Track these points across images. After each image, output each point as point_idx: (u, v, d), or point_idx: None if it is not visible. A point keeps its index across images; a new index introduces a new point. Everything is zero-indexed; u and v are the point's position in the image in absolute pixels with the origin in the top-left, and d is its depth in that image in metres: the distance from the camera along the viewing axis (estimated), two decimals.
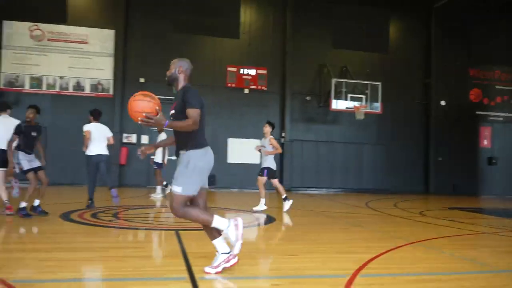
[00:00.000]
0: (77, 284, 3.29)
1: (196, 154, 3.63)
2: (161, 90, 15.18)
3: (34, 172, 6.95)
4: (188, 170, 3.60)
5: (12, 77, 14.00)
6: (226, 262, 3.72)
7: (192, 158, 3.62)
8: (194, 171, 3.61)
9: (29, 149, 6.99)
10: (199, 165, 3.62)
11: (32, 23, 14.14)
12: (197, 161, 3.62)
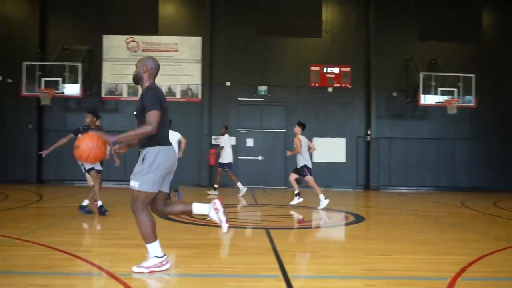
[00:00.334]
0: (176, 279, 3.53)
1: (154, 151, 3.61)
2: (246, 93, 15.67)
3: (96, 171, 7.27)
4: (144, 167, 3.58)
5: (112, 86, 15.21)
6: (159, 266, 3.65)
7: (150, 155, 3.60)
8: (151, 167, 3.57)
9: None
10: (156, 162, 3.58)
11: (128, 35, 15.24)
12: (155, 158, 3.59)
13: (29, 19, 14.98)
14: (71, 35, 15.16)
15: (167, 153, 3.67)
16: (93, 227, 6.14)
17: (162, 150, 3.64)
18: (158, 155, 3.60)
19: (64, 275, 3.54)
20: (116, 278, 3.39)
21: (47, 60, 14.51)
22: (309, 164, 9.01)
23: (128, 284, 3.23)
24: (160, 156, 3.61)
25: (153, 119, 3.52)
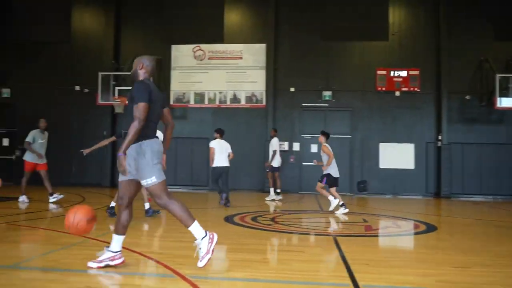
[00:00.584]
0: (246, 283, 3.55)
1: (144, 145, 3.71)
2: (310, 98, 15.58)
3: None
4: (145, 161, 3.70)
5: (180, 94, 15.75)
6: (111, 260, 3.74)
7: (145, 147, 3.71)
8: (153, 158, 3.71)
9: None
10: (153, 151, 3.72)
11: (194, 45, 15.74)
12: (150, 148, 3.71)
13: (105, 32, 15.91)
14: (142, 46, 15.89)
15: (156, 142, 3.80)
16: (164, 230, 6.35)
17: (151, 141, 3.77)
18: (153, 145, 3.76)
19: (139, 275, 3.70)
20: (188, 280, 3.47)
21: (120, 70, 15.32)
22: (334, 174, 9.00)
23: (199, 286, 3.30)
24: (155, 145, 3.78)
25: (141, 112, 3.63)
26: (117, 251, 3.82)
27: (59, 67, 15.99)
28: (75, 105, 15.91)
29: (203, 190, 15.04)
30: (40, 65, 16.13)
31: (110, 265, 3.78)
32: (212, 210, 9.06)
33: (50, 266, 3.83)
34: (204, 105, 15.63)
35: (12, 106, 16.18)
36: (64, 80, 15.94)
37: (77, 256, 4.28)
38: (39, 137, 9.53)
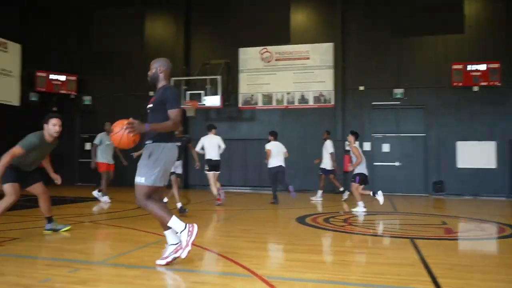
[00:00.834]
0: (323, 285, 3.50)
1: (159, 147, 3.81)
2: (380, 97, 15.11)
3: (176, 176, 8.24)
4: (150, 162, 3.79)
5: (248, 96, 15.97)
6: (175, 252, 3.85)
7: (155, 151, 3.81)
8: (156, 162, 3.78)
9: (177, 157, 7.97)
10: (161, 157, 3.79)
11: (261, 47, 15.89)
12: (160, 154, 3.79)
13: (175, 39, 16.51)
14: (210, 51, 16.32)
15: (171, 150, 3.91)
16: (238, 230, 6.45)
17: (167, 147, 3.88)
18: (162, 152, 3.85)
19: (216, 274, 3.78)
20: (265, 280, 3.50)
21: (191, 75, 15.82)
22: (366, 172, 9.17)
23: (276, 286, 3.31)
24: (164, 153, 3.86)
25: (176, 117, 3.80)
26: (176, 243, 3.95)
27: (134, 74, 16.81)
28: None
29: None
30: (117, 73, 17.08)
31: (176, 257, 3.91)
32: (283, 211, 9.08)
33: (134, 263, 4.03)
34: (272, 106, 15.72)
35: (93, 112, 17.27)
36: (140, 86, 16.73)
37: (159, 254, 4.46)
38: (105, 139, 10.16)
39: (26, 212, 7.97)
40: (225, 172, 15.85)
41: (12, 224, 6.12)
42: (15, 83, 16.21)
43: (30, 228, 6.20)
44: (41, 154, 5.33)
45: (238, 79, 16.05)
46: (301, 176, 14.93)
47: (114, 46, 17.15)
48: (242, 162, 15.90)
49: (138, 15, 17.09)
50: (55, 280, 3.43)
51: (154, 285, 3.34)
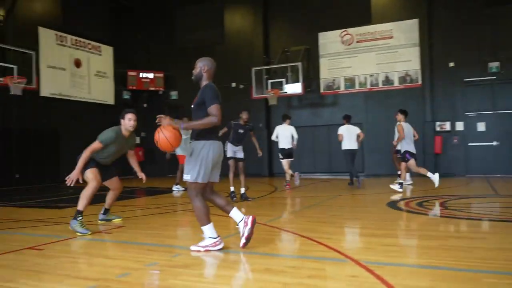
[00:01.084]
0: (425, 270, 3.35)
1: (199, 144, 3.95)
2: (473, 72, 14.05)
3: (234, 160, 8.56)
4: (192, 159, 3.95)
5: (330, 81, 15.71)
6: (213, 246, 3.98)
7: (196, 149, 3.94)
8: (197, 160, 3.92)
9: (237, 142, 8.64)
10: (201, 155, 3.92)
11: (341, 30, 15.50)
12: (200, 151, 3.92)
13: (254, 29, 16.66)
14: (290, 38, 16.25)
15: (212, 146, 3.99)
16: (328, 216, 6.40)
17: (206, 144, 3.98)
18: (203, 149, 3.97)
19: (312, 259, 3.78)
20: (362, 265, 3.43)
21: (271, 63, 15.89)
22: (412, 150, 9.42)
23: (376, 272, 3.23)
24: (204, 150, 3.97)
25: (217, 112, 3.90)
26: (216, 237, 4.05)
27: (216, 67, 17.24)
28: (232, 101, 17.01)
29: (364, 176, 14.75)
30: None
31: (211, 250, 4.00)
32: (371, 197, 8.86)
33: (231, 249, 4.16)
34: (355, 90, 15.33)
35: (180, 106, 18.02)
36: (222, 79, 17.15)
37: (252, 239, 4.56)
38: (184, 133, 10.42)
39: (127, 203, 8.56)
40: (309, 159, 15.81)
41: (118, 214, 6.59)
42: (110, 83, 17.39)
43: (132, 217, 6.64)
44: (118, 148, 5.52)
45: (318, 65, 15.84)
46: (388, 160, 14.44)
47: (196, 41, 17.73)
48: (326, 148, 15.72)
49: (218, 9, 17.47)
50: (160, 264, 3.64)
51: (251, 269, 3.43)
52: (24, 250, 4.29)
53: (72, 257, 4.03)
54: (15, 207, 8.23)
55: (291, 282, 3.02)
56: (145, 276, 3.34)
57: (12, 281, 3.25)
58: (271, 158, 16.28)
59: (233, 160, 8.57)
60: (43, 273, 3.46)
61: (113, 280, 3.19)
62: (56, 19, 15.40)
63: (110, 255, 4.04)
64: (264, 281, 3.08)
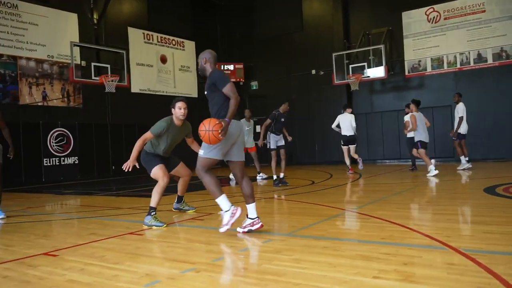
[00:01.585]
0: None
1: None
2: None
3: (276, 151, 9.24)
4: None
5: (415, 62, 14.96)
6: (252, 225, 4.29)
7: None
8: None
9: (278, 132, 9.26)
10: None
11: (427, 7, 14.65)
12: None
13: (333, 14, 16.30)
14: (370, 20, 15.70)
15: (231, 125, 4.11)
16: (421, 202, 6.14)
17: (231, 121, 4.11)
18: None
19: (406, 246, 3.65)
20: (462, 253, 3.25)
21: (352, 48, 15.49)
22: (425, 139, 10.03)
23: (478, 260, 3.05)
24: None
25: (232, 89, 4.11)
26: (254, 218, 4.31)
27: (295, 55, 17.18)
28: (313, 88, 16.88)
29: (449, 160, 13.97)
30: (279, 56, 17.67)
31: (252, 230, 4.30)
32: (466, 182, 8.34)
33: (321, 235, 4.15)
34: (443, 70, 14.46)
35: (261, 96, 18.24)
36: (301, 66, 17.06)
37: (342, 226, 4.52)
38: (245, 125, 10.82)
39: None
40: (394, 145, 15.25)
41: (206, 202, 6.85)
42: (193, 76, 18.04)
43: None
44: (173, 138, 5.55)
45: (402, 46, 15.14)
46: (483, 144, 13.50)
47: (275, 30, 17.76)
48: None
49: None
50: (252, 249, 3.73)
51: (343, 255, 3.39)
52: (126, 235, 4.62)
53: (170, 241, 4.26)
54: (114, 196, 8.87)
55: (387, 269, 2.95)
56: (239, 261, 3.44)
57: (118, 263, 3.51)
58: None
59: (275, 151, 9.30)
60: (144, 256, 3.70)
61: (210, 264, 3.32)
62: (142, 19, 16.25)
63: (204, 240, 4.21)
64: (358, 267, 3.03)
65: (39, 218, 6.43)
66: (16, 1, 12.60)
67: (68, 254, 3.89)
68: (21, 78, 12.65)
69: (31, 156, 12.47)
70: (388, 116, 15.34)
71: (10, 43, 12.43)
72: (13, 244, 4.45)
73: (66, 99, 13.68)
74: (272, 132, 9.23)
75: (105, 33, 14.68)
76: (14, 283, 3.08)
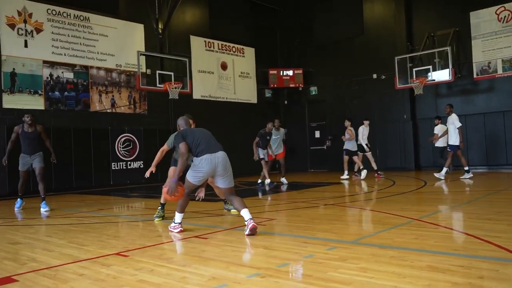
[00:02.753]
0: None
1: (194, 160, 5.15)
2: None
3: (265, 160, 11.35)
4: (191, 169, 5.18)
5: (484, 64, 14.17)
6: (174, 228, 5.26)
7: (195, 161, 5.14)
8: (192, 170, 5.15)
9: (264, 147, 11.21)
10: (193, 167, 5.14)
11: (497, 6, 13.86)
12: (193, 165, 5.16)
13: (396, 16, 15.85)
14: (435, 21, 15.11)
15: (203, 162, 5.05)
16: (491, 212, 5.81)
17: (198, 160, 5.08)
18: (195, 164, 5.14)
19: (479, 259, 3.47)
20: None
21: (415, 51, 15.00)
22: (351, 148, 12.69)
23: None
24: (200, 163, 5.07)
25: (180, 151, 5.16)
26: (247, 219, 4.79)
27: (355, 60, 16.90)
28: (373, 92, 16.51)
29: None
30: (338, 60, 17.45)
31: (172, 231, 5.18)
32: None
33: (387, 244, 4.03)
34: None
35: (320, 101, 18.10)
36: (362, 71, 16.75)
37: (408, 235, 4.37)
38: (273, 134, 11.51)
39: (273, 197, 8.87)
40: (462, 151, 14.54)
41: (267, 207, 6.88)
42: (252, 83, 18.24)
43: (281, 210, 6.88)
44: None
45: (470, 47, 14.42)
46: None
47: (334, 35, 17.58)
48: (480, 139, 14.28)
49: (356, 1, 17.05)
50: (316, 256, 3.70)
51: (412, 266, 3.27)
52: (192, 238, 4.75)
53: (234, 246, 4.32)
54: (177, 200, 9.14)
55: (461, 282, 2.81)
56: (304, 267, 3.42)
57: (186, 265, 3.61)
58: (417, 151, 15.41)
59: (264, 160, 11.27)
60: (210, 259, 3.77)
61: (275, 270, 3.33)
62: (204, 27, 16.67)
63: (267, 245, 4.23)
64: (430, 279, 2.92)
65: (109, 219, 6.76)
66: (89, 14, 13.38)
67: (138, 255, 4.05)
68: (92, 87, 13.39)
69: (100, 160, 13.13)
70: None
71: (83, 54, 13.20)
72: (87, 244, 4.70)
73: (132, 106, 14.31)
74: (259, 146, 11.18)
75: (168, 42, 15.20)
76: (90, 281, 3.26)
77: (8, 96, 11.58)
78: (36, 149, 8.25)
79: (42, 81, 12.28)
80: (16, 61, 11.81)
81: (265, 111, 17.65)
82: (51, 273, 3.52)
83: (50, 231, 5.78)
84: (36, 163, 8.22)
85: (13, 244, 4.88)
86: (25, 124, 8.14)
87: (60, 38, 12.74)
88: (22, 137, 8.13)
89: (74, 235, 5.34)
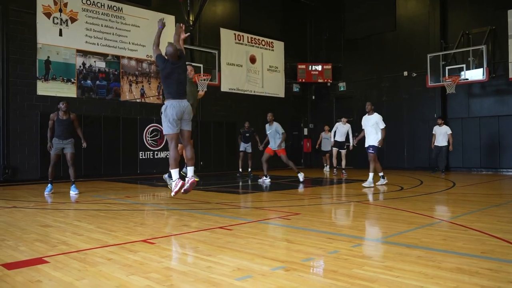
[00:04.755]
0: None
1: (163, 107, 5.72)
2: None
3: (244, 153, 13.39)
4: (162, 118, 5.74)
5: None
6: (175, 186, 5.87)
7: (163, 109, 5.71)
8: (164, 118, 5.69)
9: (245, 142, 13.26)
10: (164, 113, 5.68)
11: None
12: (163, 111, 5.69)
13: (430, 13, 15.51)
14: (471, 19, 14.73)
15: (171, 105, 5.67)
16: None
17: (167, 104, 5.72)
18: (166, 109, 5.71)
19: (509, 263, 3.39)
20: None
21: (449, 48, 14.66)
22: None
23: None
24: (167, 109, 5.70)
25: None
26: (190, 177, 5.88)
27: (386, 56, 16.64)
28: (404, 90, 16.23)
29: None
30: (368, 56, 17.22)
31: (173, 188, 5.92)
32: None
33: (414, 243, 3.98)
34: None
35: (348, 97, 17.91)
36: (392, 68, 16.48)
37: (435, 236, 4.30)
38: (267, 129, 11.14)
39: (296, 192, 8.86)
40: (494, 153, 14.18)
41: (293, 201, 6.89)
42: (281, 77, 18.19)
43: (306, 205, 6.86)
44: None
45: (507, 46, 14.00)
46: None
47: (365, 30, 17.35)
48: (494, 141, 13.96)
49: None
50: (341, 252, 3.68)
51: (440, 267, 3.22)
52: (216, 229, 4.79)
53: (259, 238, 4.34)
54: (202, 191, 9.23)
55: (489, 286, 2.75)
56: (328, 263, 3.41)
57: (211, 255, 3.65)
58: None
59: (243, 152, 13.34)
60: (234, 250, 3.80)
61: (298, 264, 3.33)
62: (234, 20, 16.70)
63: (292, 239, 4.24)
64: (457, 280, 2.87)
65: (136, 207, 6.89)
66: (121, 5, 13.58)
67: (164, 243, 4.12)
68: (122, 76, 13.62)
69: (128, 149, 13.37)
70: (487, 121, 14.29)
71: (115, 44, 13.43)
72: (115, 230, 4.81)
73: (161, 96, 14.49)
74: (242, 141, 13.37)
75: (199, 34, 15.30)
76: (118, 266, 3.33)
77: (42, 84, 11.91)
78: (68, 135, 8.59)
79: (75, 69, 12.56)
80: (51, 50, 12.12)
81: (292, 106, 17.59)
82: (81, 256, 3.61)
83: (79, 216, 5.93)
84: (67, 149, 8.56)
85: (44, 227, 5.04)
86: (60, 111, 8.46)
87: (94, 27, 12.99)
88: (56, 123, 8.48)
89: (102, 220, 5.47)
